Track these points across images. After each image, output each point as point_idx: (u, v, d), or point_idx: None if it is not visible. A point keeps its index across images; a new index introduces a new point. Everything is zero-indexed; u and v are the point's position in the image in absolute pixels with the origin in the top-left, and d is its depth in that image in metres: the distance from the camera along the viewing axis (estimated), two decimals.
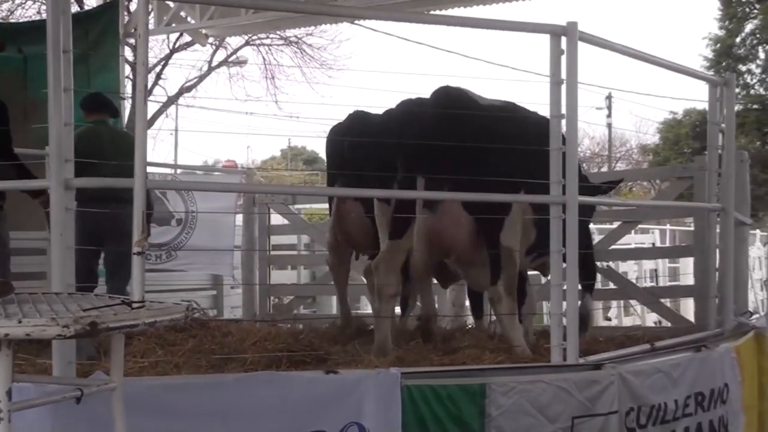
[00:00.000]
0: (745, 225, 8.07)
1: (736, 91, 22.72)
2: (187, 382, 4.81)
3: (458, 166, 6.18)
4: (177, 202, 10.30)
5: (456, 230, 6.37)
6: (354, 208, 7.28)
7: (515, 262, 6.30)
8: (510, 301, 6.35)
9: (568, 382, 5.35)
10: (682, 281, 15.00)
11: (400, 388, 4.92)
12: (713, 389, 6.38)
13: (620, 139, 49.06)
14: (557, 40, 5.62)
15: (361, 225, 7.30)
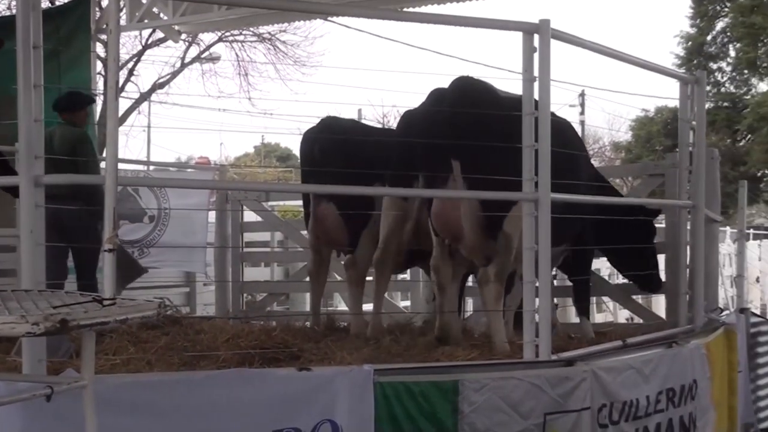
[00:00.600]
0: (716, 222, 8.12)
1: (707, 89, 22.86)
2: (159, 380, 4.79)
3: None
4: (150, 199, 10.25)
5: (457, 213, 6.36)
6: (329, 208, 7.40)
7: (511, 251, 6.28)
8: (498, 287, 6.33)
9: (540, 379, 5.36)
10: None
11: (372, 385, 4.91)
12: (683, 385, 6.43)
13: (593, 137, 49.22)
14: (530, 37, 5.63)
15: (338, 224, 7.42)
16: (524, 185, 5.65)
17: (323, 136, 7.58)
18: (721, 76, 42.65)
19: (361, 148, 7.35)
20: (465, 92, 6.41)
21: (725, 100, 41.86)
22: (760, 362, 8.70)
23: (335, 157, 7.35)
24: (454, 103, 6.31)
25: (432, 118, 6.52)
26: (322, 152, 7.50)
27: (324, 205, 7.50)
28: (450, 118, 6.29)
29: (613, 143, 49.07)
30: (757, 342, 8.65)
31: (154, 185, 10.45)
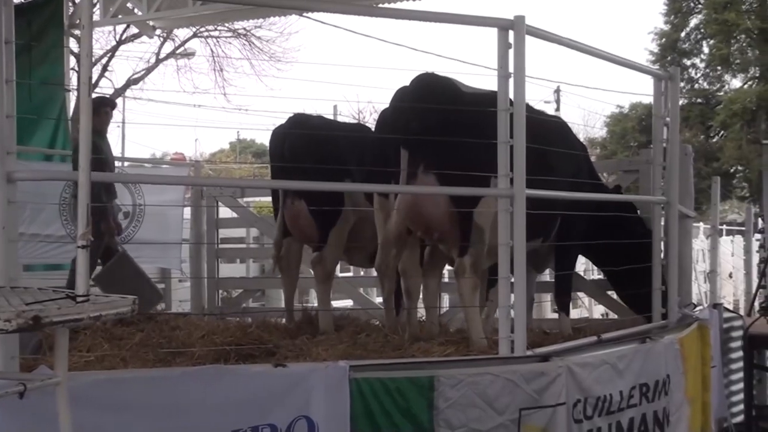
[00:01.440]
0: (689, 218, 8.16)
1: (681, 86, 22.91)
2: (133, 376, 4.76)
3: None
4: (124, 195, 10.19)
5: (431, 205, 6.37)
6: (300, 205, 7.43)
7: (485, 242, 6.30)
8: (473, 279, 6.34)
9: (515, 374, 5.37)
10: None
11: (348, 381, 4.91)
12: (657, 380, 6.45)
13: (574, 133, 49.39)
14: (505, 33, 5.64)
15: (308, 221, 7.46)
16: (499, 181, 5.67)
17: (293, 132, 7.57)
18: (695, 73, 42.90)
19: (330, 144, 7.36)
20: (426, 88, 6.42)
21: (699, 96, 42.11)
22: (732, 357, 8.79)
23: (304, 153, 7.35)
24: (415, 99, 6.32)
25: (394, 115, 6.55)
26: (291, 149, 7.51)
27: (295, 201, 7.52)
28: (411, 114, 6.30)
29: (589, 139, 49.28)
30: (729, 337, 8.74)
31: (129, 181, 10.39)
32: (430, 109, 6.20)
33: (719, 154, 39.60)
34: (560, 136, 7.49)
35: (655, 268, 7.44)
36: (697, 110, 40.90)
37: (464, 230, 6.32)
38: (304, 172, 7.05)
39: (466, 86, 6.58)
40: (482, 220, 6.22)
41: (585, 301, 14.69)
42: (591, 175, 7.81)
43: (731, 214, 46.89)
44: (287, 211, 7.66)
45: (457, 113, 6.19)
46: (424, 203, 6.38)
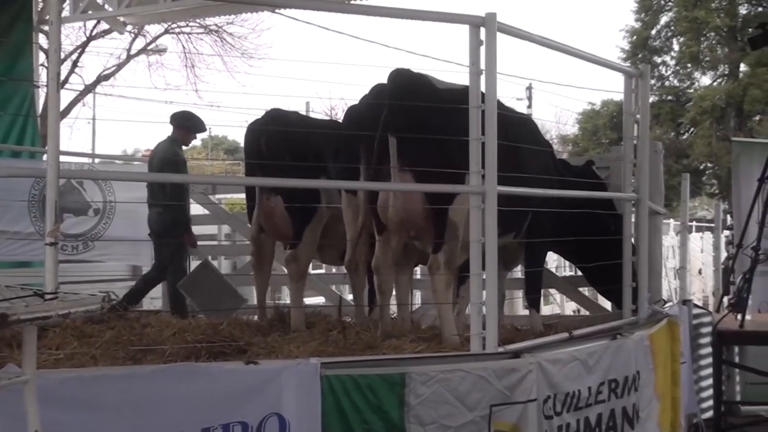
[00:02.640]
0: (659, 214, 8.22)
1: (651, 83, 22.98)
2: (103, 374, 4.72)
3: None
4: (94, 192, 10.13)
5: (408, 202, 6.37)
6: (276, 201, 7.41)
7: (459, 238, 6.31)
8: (447, 276, 6.34)
9: (487, 371, 5.38)
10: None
11: (319, 379, 4.90)
12: (627, 376, 6.49)
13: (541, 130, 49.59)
14: (476, 30, 5.65)
15: (284, 218, 7.44)
16: (471, 178, 5.67)
17: (269, 129, 7.54)
18: (665, 70, 43.25)
19: (306, 140, 7.34)
20: (405, 84, 6.42)
21: (669, 93, 42.44)
22: (702, 353, 8.85)
23: (282, 149, 7.33)
24: (396, 95, 6.32)
25: (373, 112, 6.55)
26: (268, 145, 7.48)
27: (271, 198, 7.49)
28: (398, 109, 6.30)
29: (561, 136, 49.52)
30: (699, 333, 8.80)
31: (99, 178, 10.33)
32: (411, 105, 6.20)
33: (689, 151, 39.95)
34: (530, 133, 7.51)
35: (626, 264, 7.47)
36: (667, 107, 41.24)
37: (439, 227, 6.33)
38: (281, 169, 7.01)
39: (440, 81, 6.58)
40: (457, 217, 6.23)
41: (557, 297, 14.75)
42: (558, 172, 7.80)
43: (701, 210, 47.25)
44: (262, 206, 7.63)
45: (435, 110, 6.18)
46: (402, 200, 6.37)
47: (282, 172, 6.96)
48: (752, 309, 9.67)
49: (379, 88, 6.71)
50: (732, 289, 9.95)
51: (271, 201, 7.49)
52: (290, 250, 7.52)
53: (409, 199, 6.36)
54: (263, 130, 7.59)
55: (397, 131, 6.28)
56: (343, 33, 15.40)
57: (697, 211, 46.60)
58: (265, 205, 7.57)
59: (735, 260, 10.14)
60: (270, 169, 7.14)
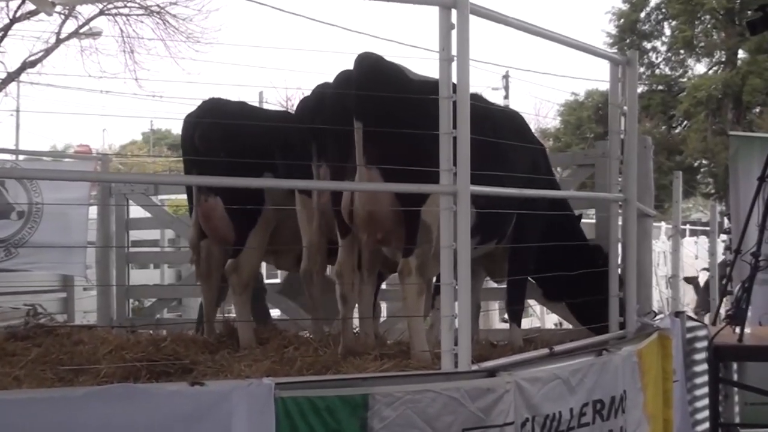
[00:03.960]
0: (649, 217, 8.26)
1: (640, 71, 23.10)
2: (29, 398, 4.67)
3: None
4: (18, 193, 10.04)
5: (372, 206, 6.39)
6: (216, 203, 7.38)
7: (432, 242, 6.32)
8: (419, 284, 6.35)
9: (459, 391, 5.38)
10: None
11: (273, 401, 4.89)
12: (613, 396, 6.51)
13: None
14: (447, 13, 5.64)
15: (225, 222, 7.40)
16: (442, 177, 5.67)
17: (204, 121, 7.46)
18: (656, 57, 43.64)
19: (248, 134, 7.26)
20: (374, 72, 6.42)
21: (660, 82, 42.79)
22: (696, 370, 8.88)
23: (217, 144, 7.27)
24: (359, 82, 6.32)
25: (332, 102, 6.54)
26: (201, 139, 7.41)
27: (209, 199, 7.43)
28: (355, 98, 6.31)
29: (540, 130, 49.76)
30: (693, 348, 8.83)
31: (23, 177, 10.23)
32: (379, 94, 6.21)
33: (682, 146, 40.30)
34: (513, 129, 7.54)
35: (612, 272, 7.51)
36: (658, 98, 41.57)
37: (410, 229, 6.35)
38: (217, 166, 6.94)
39: (413, 73, 6.59)
40: (430, 219, 6.25)
41: (536, 309, 14.82)
42: (548, 172, 7.86)
43: (695, 212, 47.77)
44: (200, 208, 7.57)
45: (406, 101, 6.19)
46: (368, 200, 6.37)
47: (219, 170, 6.87)
48: (752, 321, 9.75)
49: (344, 76, 6.67)
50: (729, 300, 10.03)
51: (209, 202, 7.43)
52: (231, 260, 7.45)
53: (377, 198, 6.36)
54: (197, 122, 7.52)
55: (364, 120, 6.28)
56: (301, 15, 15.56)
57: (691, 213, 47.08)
58: (203, 206, 7.51)
59: (732, 267, 10.23)
60: (206, 167, 7.07)
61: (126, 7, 25.59)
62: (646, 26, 43.24)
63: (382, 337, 7.35)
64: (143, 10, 25.97)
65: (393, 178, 6.15)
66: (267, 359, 6.27)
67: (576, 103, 44.88)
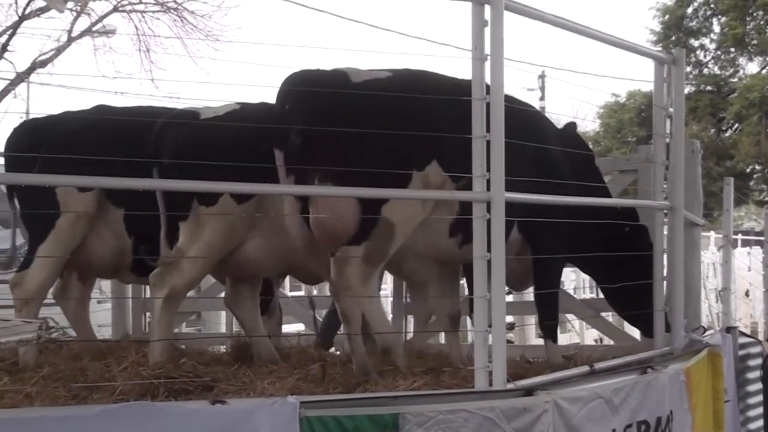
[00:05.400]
0: (697, 226, 8.23)
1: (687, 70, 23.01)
2: (41, 416, 4.72)
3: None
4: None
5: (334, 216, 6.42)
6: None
7: (389, 239, 6.39)
8: (365, 272, 6.39)
9: (494, 411, 5.39)
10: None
11: (298, 420, 4.92)
12: (659, 417, 6.49)
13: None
14: (480, 9, 5.68)
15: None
16: (475, 183, 5.69)
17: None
18: (704, 56, 43.29)
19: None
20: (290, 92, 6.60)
21: (708, 83, 42.46)
22: (750, 390, 8.82)
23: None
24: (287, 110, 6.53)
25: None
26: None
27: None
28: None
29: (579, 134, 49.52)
30: (746, 366, 8.77)
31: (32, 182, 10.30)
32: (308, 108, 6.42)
33: (733, 151, 39.97)
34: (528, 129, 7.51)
35: (657, 285, 7.49)
36: (706, 99, 41.24)
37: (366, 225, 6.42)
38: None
39: (366, 73, 6.67)
40: (393, 216, 6.34)
41: (575, 324, 14.78)
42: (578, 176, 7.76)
43: (747, 221, 47.42)
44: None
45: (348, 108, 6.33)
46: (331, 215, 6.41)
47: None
48: None
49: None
50: None
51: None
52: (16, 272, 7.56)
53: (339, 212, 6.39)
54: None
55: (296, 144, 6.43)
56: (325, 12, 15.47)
57: (743, 221, 46.75)
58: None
59: None
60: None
61: (141, 3, 25.73)
62: (694, 23, 42.95)
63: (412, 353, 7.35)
64: (159, 7, 26.07)
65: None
66: (291, 376, 6.30)
67: (617, 104, 44.60)
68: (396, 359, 6.62)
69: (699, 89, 41.62)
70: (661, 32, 42.63)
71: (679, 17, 42.52)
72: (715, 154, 38.57)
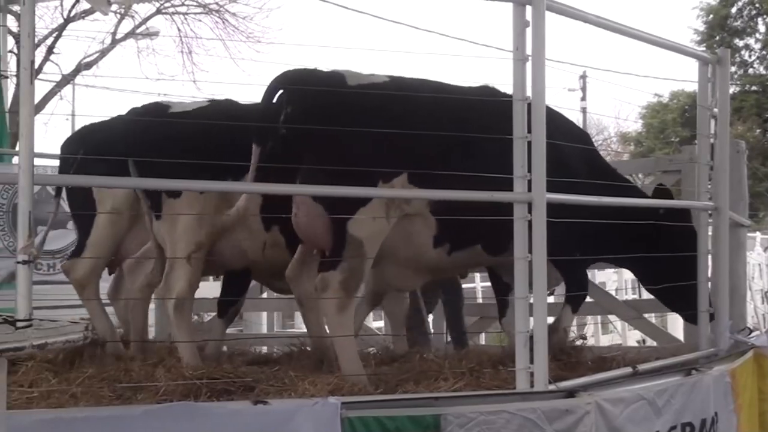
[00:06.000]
0: (743, 227, 8.17)
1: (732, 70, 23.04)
2: (86, 416, 4.76)
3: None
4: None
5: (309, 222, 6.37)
6: None
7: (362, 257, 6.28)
8: (342, 302, 6.24)
9: (535, 412, 5.38)
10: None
11: (340, 421, 4.92)
12: (704, 419, 6.46)
13: (597, 126, 49.48)
14: (521, 9, 5.67)
15: None
16: (516, 184, 5.68)
17: None
18: (749, 55, 43.04)
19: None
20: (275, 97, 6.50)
21: (754, 83, 42.20)
22: None
23: None
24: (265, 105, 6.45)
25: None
26: None
27: None
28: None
29: (621, 134, 49.37)
30: None
31: (80, 184, 10.37)
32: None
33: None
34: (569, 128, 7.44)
35: (702, 286, 7.44)
36: (751, 99, 41.00)
37: (337, 241, 6.28)
38: None
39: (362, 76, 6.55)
40: (359, 232, 6.20)
41: (617, 325, 14.72)
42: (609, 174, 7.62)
43: None
44: None
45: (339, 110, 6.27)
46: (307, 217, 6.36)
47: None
48: None
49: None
50: None
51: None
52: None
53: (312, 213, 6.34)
54: None
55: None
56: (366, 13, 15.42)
57: None
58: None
59: None
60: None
61: (184, 5, 25.86)
62: (738, 22, 42.70)
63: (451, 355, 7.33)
64: (202, 9, 26.20)
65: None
66: (333, 376, 6.29)
67: (660, 105, 44.45)
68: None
69: (744, 89, 41.36)
70: (705, 32, 42.41)
71: (723, 17, 42.29)
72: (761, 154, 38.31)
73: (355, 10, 6.84)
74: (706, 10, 42.72)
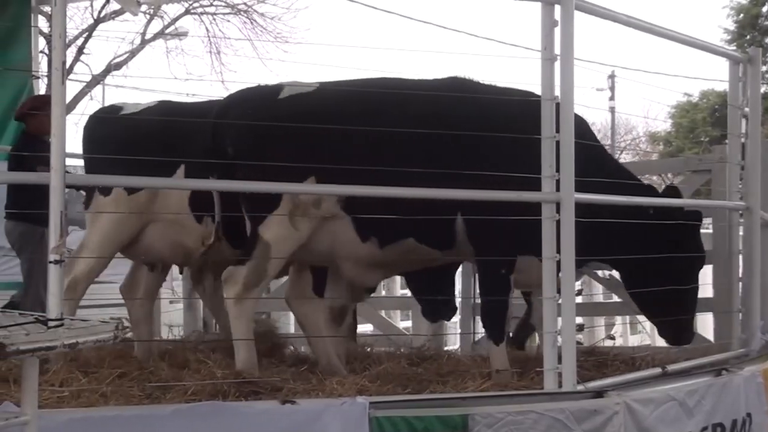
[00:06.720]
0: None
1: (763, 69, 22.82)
2: (116, 415, 4.79)
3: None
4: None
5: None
6: None
7: (268, 258, 6.47)
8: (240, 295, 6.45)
9: (564, 413, 5.37)
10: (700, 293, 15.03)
11: (368, 420, 4.93)
12: (735, 420, 6.42)
13: (625, 126, 49.23)
14: (550, 9, 5.67)
15: None
16: (544, 184, 5.68)
17: None
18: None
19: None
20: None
21: None
22: None
23: None
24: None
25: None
26: None
27: None
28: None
29: (650, 134, 49.04)
30: None
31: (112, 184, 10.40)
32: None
33: None
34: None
35: (733, 286, 7.41)
36: None
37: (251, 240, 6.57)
38: None
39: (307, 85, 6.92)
40: (268, 235, 6.44)
41: (646, 326, 14.61)
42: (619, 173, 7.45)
43: None
44: None
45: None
46: None
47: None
48: None
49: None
50: None
51: None
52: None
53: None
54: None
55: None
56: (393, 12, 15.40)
57: None
58: None
59: None
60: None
61: (212, 5, 25.91)
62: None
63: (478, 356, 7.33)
64: (230, 9, 26.25)
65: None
66: (359, 376, 6.30)
67: (689, 104, 44.15)
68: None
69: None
70: (735, 31, 42.05)
71: (754, 16, 41.93)
72: None
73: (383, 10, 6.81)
74: (736, 9, 42.39)
